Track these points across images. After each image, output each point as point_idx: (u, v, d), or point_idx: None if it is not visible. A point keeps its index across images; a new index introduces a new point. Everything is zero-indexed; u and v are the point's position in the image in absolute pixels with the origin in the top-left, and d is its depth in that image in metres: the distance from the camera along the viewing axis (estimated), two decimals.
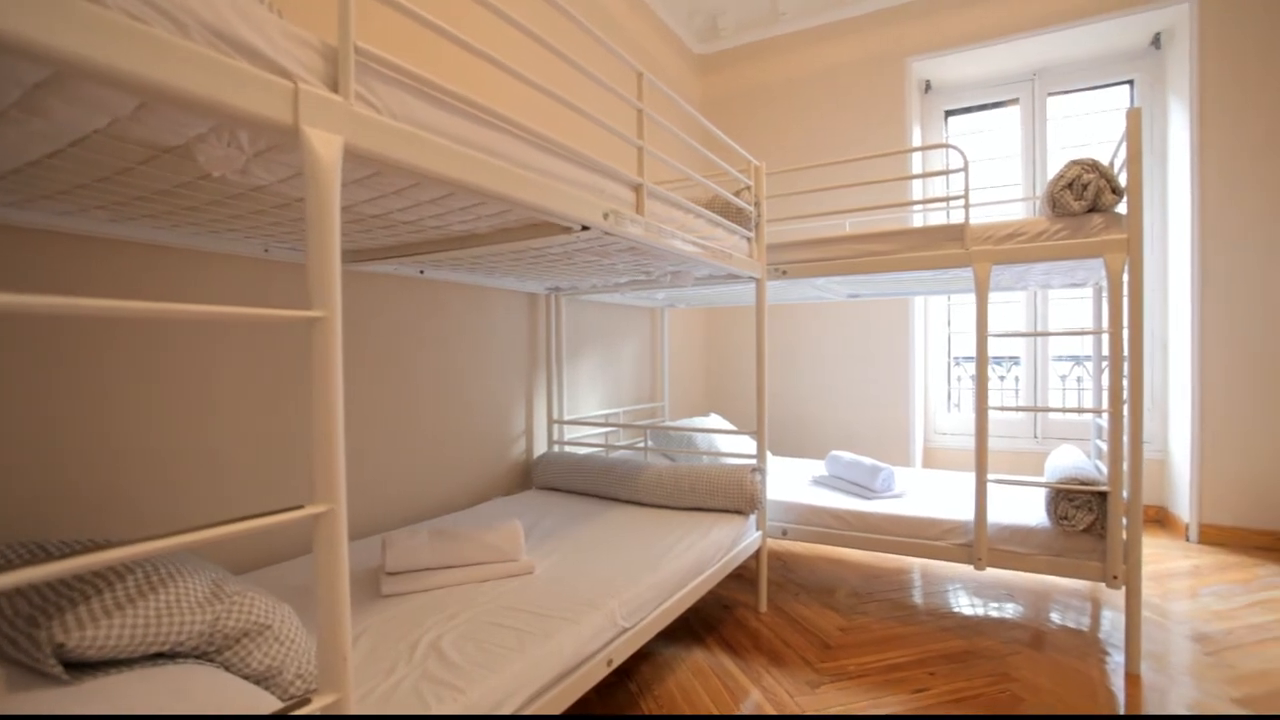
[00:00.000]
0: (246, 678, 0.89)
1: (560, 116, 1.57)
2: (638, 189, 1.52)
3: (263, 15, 0.73)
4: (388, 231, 1.53)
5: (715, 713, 1.71)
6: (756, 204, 2.29)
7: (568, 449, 2.91)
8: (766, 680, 1.86)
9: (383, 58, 0.88)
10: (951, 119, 4.09)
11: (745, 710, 1.72)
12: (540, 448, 2.86)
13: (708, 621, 2.26)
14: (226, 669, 0.87)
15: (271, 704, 0.84)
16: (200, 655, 0.86)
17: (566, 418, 2.94)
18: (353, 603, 1.42)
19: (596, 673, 1.38)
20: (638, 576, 1.64)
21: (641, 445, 3.00)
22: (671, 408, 3.89)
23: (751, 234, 2.25)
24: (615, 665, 1.45)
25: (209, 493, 1.64)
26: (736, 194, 2.27)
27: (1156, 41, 3.49)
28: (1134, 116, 1.89)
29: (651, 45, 3.82)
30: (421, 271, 2.19)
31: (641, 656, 1.98)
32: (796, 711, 1.70)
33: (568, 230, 1.41)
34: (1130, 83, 3.65)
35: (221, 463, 1.66)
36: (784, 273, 2.44)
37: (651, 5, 3.78)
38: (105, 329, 1.44)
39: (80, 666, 0.75)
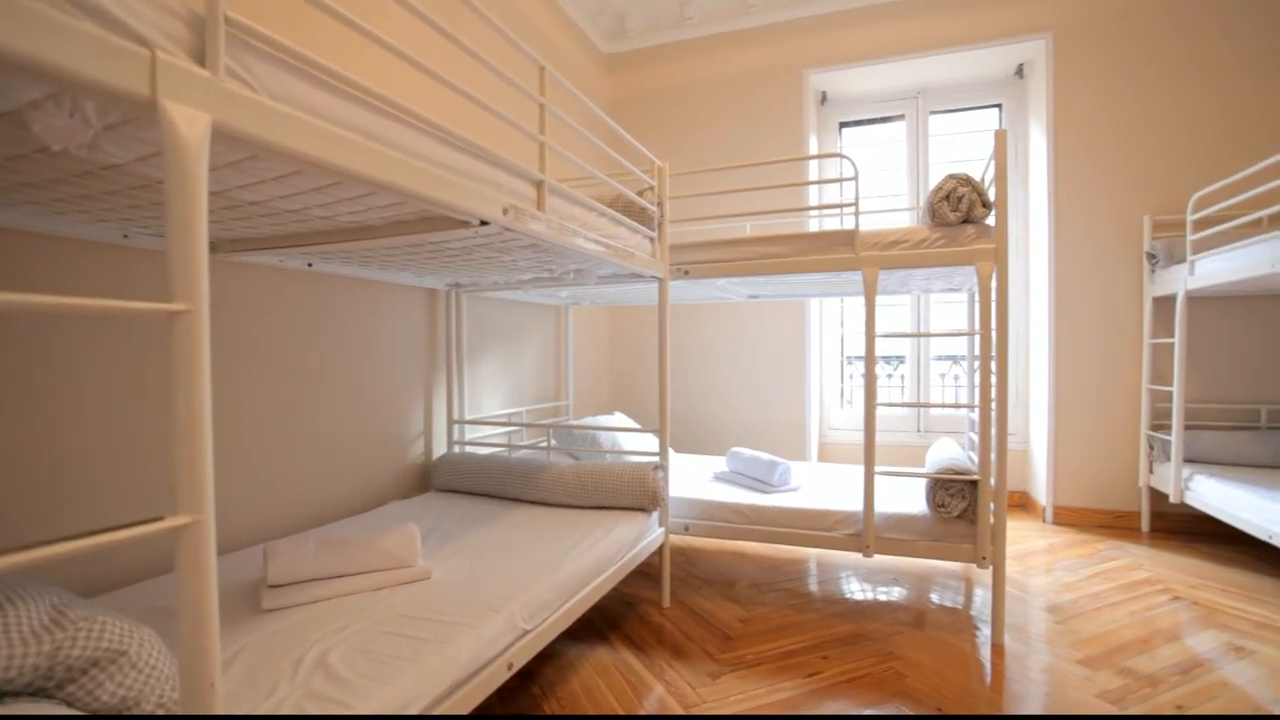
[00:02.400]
0: (97, 712, 0.80)
1: (463, 111, 1.52)
2: (539, 185, 1.49)
3: None
4: (269, 220, 1.42)
5: (620, 712, 1.72)
6: (659, 204, 2.32)
7: (469, 449, 2.83)
8: (669, 674, 1.89)
9: (258, 31, 0.82)
10: (845, 130, 4.32)
11: (649, 705, 1.74)
12: (440, 448, 2.76)
13: (611, 619, 2.26)
14: (70, 705, 0.78)
15: None
16: (37, 691, 0.76)
17: (467, 417, 2.86)
18: (231, 619, 1.33)
19: (497, 677, 1.35)
20: (539, 577, 1.62)
21: (545, 445, 2.97)
22: (576, 406, 3.87)
23: (654, 234, 2.27)
24: (517, 669, 1.42)
25: (53, 506, 1.46)
26: (640, 194, 2.29)
27: (1020, 71, 3.84)
28: (1000, 138, 2.06)
29: (558, 41, 3.78)
30: (310, 265, 2.06)
31: (545, 658, 1.96)
32: (696, 702, 1.74)
33: (466, 225, 1.36)
34: (999, 106, 3.99)
35: (71, 471, 1.49)
36: (686, 273, 2.48)
37: (559, 1, 3.74)
38: None
39: None
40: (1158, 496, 3.24)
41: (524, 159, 1.44)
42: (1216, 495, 2.71)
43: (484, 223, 1.35)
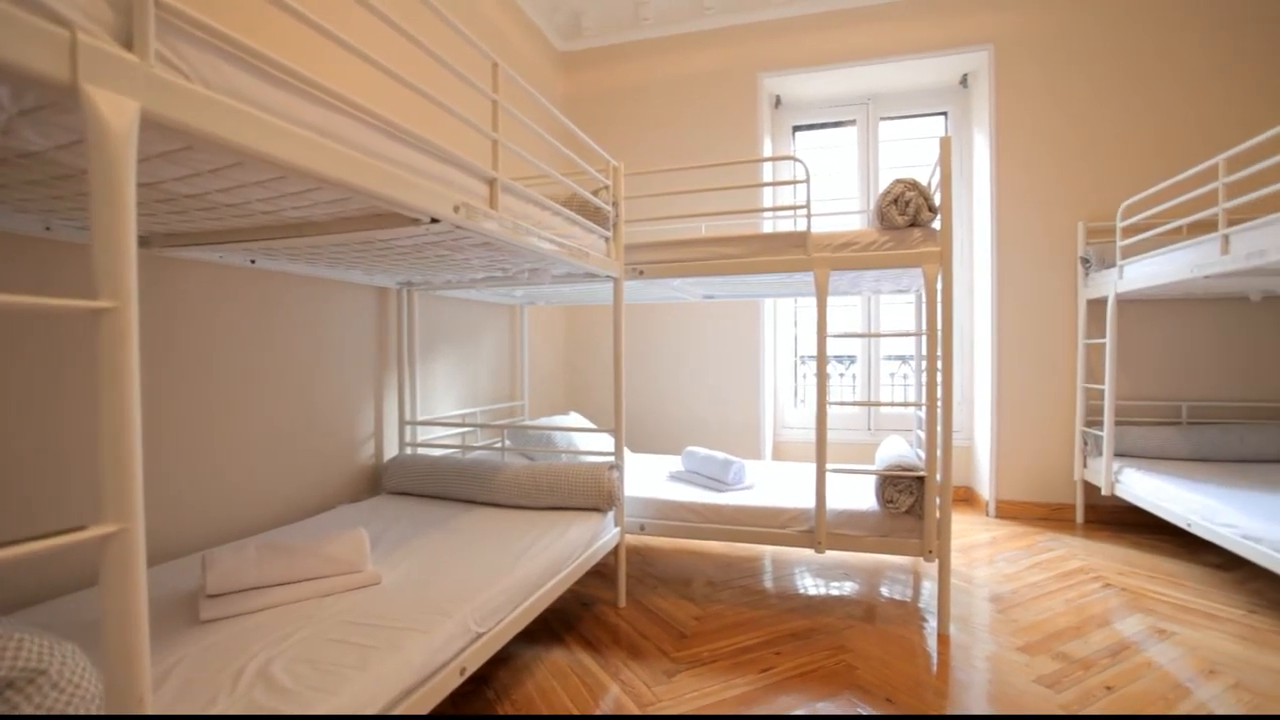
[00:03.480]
0: None
1: (416, 107, 1.49)
2: (492, 183, 1.47)
3: None
4: (207, 214, 1.36)
5: (575, 712, 1.71)
6: (615, 204, 2.31)
7: (421, 451, 2.77)
8: (625, 674, 1.89)
9: (191, 16, 0.78)
10: (799, 134, 4.40)
11: (605, 706, 1.73)
12: (391, 450, 2.70)
13: (567, 620, 2.25)
14: None
15: None
16: None
17: (420, 418, 2.80)
18: (165, 631, 1.27)
19: (449, 682, 1.33)
20: (493, 580, 1.60)
21: (499, 445, 2.93)
22: (531, 406, 3.84)
23: (609, 233, 2.27)
24: (469, 673, 1.40)
25: None
26: (595, 193, 2.28)
27: (964, 81, 3.98)
28: (945, 144, 2.13)
29: (514, 37, 3.74)
30: (253, 261, 1.99)
31: (499, 661, 1.93)
32: (652, 701, 1.74)
33: (416, 222, 1.34)
34: (944, 114, 4.13)
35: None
36: (641, 273, 2.49)
37: None
38: None
39: None
40: (1091, 489, 3.39)
41: (478, 157, 1.42)
42: (1143, 487, 2.86)
43: (435, 220, 1.33)
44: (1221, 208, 2.31)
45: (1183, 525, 2.51)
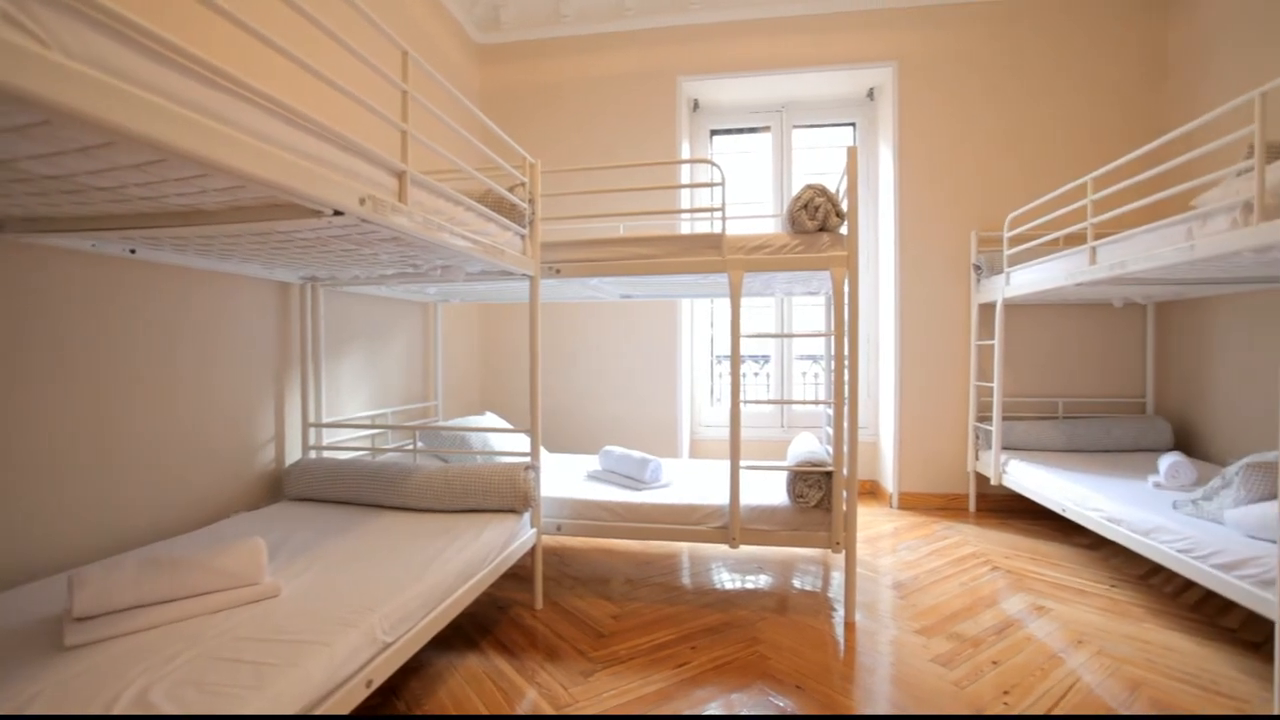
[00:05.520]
0: None
1: (323, 97, 1.41)
2: (400, 176, 1.42)
3: None
4: (75, 198, 1.24)
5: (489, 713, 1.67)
6: (531, 201, 2.28)
7: (327, 454, 2.64)
8: (541, 676, 1.87)
9: None
10: (716, 137, 4.49)
11: (521, 710, 1.71)
12: (293, 454, 2.55)
13: (483, 625, 2.20)
14: None
15: None
16: None
17: (325, 420, 2.66)
18: (20, 662, 1.15)
19: (355, 696, 1.27)
20: (402, 586, 1.54)
21: (411, 447, 2.83)
22: (445, 407, 3.73)
23: (525, 231, 2.23)
24: (377, 685, 1.35)
25: None
26: (511, 190, 2.24)
27: (871, 94, 4.18)
28: (852, 154, 2.23)
29: (429, 27, 3.61)
30: (132, 251, 1.82)
31: (410, 670, 1.86)
32: (569, 703, 1.73)
33: (318, 214, 1.26)
34: (853, 124, 4.33)
35: None
36: (558, 271, 2.47)
37: None
38: None
39: None
40: (982, 480, 3.65)
41: (388, 150, 1.36)
42: (1025, 477, 3.11)
43: (338, 213, 1.26)
44: (1090, 222, 2.54)
45: (1058, 510, 2.75)
